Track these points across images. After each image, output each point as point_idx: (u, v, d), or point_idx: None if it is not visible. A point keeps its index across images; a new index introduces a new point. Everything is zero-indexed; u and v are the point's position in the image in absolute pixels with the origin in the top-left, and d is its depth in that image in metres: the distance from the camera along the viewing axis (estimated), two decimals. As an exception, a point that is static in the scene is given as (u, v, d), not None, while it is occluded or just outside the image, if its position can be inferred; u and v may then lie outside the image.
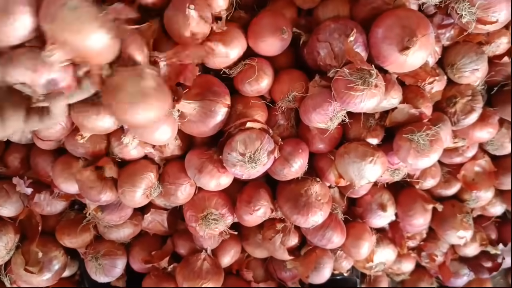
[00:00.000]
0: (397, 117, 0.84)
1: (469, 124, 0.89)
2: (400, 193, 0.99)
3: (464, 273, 1.12)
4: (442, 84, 0.88)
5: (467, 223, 1.01)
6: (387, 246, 1.02)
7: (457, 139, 0.91)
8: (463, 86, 0.88)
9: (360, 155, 0.81)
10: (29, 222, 0.93)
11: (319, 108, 0.78)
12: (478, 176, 1.02)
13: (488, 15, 0.78)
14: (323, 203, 0.87)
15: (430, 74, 0.82)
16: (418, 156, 0.80)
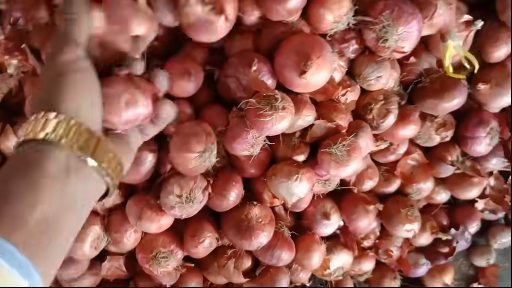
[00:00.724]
0: (316, 132, 0.87)
1: (389, 126, 0.93)
2: (342, 199, 1.02)
3: (423, 263, 1.16)
4: (356, 94, 0.92)
5: (412, 216, 1.05)
6: (342, 251, 1.06)
7: (379, 142, 0.94)
8: (375, 92, 0.92)
9: (286, 175, 0.85)
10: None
11: (239, 138, 0.82)
12: (414, 169, 1.05)
13: (402, 45, 0.84)
14: (265, 224, 0.91)
15: (338, 88, 0.86)
16: (338, 167, 0.84)
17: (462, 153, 1.07)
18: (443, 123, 1.02)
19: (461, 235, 1.16)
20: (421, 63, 0.97)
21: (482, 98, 1.03)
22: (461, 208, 1.18)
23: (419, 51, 0.94)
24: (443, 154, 1.06)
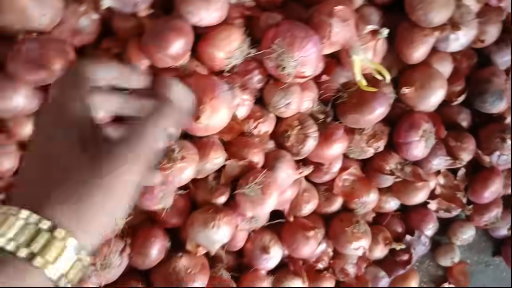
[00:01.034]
0: (230, 172, 0.84)
1: (311, 150, 0.89)
2: (282, 229, 0.98)
3: (382, 275, 1.12)
4: (270, 123, 0.88)
5: (359, 232, 1.01)
6: (293, 280, 1.02)
7: (301, 169, 0.90)
8: (289, 118, 0.88)
9: (202, 223, 0.82)
10: None
11: (146, 194, 0.79)
12: (354, 184, 1.02)
13: (302, 70, 0.81)
14: (195, 274, 0.87)
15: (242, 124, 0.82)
16: (255, 206, 0.81)
17: (401, 159, 1.02)
18: (373, 134, 0.98)
19: (418, 240, 1.11)
20: (336, 78, 0.93)
21: (409, 101, 0.99)
22: (415, 212, 1.14)
23: (331, 67, 0.91)
24: (381, 164, 1.02)
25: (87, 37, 0.77)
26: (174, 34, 0.72)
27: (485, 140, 1.08)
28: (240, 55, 0.81)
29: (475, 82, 1.05)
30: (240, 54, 0.81)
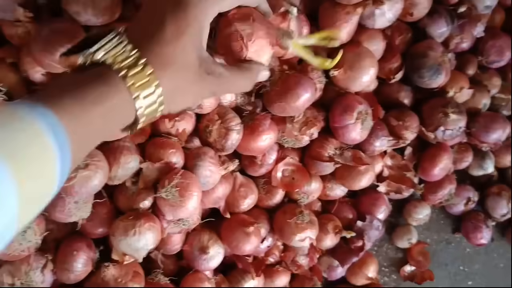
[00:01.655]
0: (148, 175, 0.80)
1: (236, 144, 0.86)
2: (221, 227, 0.95)
3: (337, 265, 1.09)
4: (188, 121, 0.84)
5: (303, 223, 0.98)
6: (246, 278, 1.00)
7: (225, 164, 0.87)
8: (210, 113, 0.85)
9: (122, 232, 0.79)
10: None
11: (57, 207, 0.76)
12: (294, 174, 0.98)
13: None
14: (127, 282, 0.84)
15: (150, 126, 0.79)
16: (175, 210, 0.78)
17: (340, 144, 0.98)
18: (305, 121, 0.95)
19: (370, 225, 1.08)
20: (257, 67, 0.89)
21: (341, 83, 0.96)
22: (365, 196, 1.10)
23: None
24: (319, 151, 0.99)
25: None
26: (62, 37, 0.69)
27: (428, 116, 1.05)
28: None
29: (411, 57, 1.02)
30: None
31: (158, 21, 0.43)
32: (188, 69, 0.45)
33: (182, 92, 0.45)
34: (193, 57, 0.45)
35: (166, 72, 0.42)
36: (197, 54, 0.45)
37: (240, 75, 0.52)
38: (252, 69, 0.54)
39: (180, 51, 0.43)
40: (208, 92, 0.49)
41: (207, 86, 0.48)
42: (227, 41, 0.54)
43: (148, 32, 0.43)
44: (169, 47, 0.43)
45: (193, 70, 0.45)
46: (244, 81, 0.53)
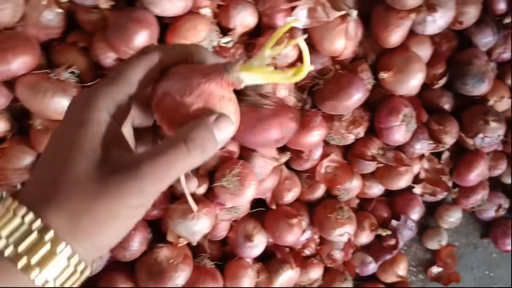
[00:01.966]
0: (208, 162, 0.84)
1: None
2: (265, 217, 0.99)
3: (370, 261, 1.12)
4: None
5: (343, 219, 1.01)
6: (284, 267, 1.03)
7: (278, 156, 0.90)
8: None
9: (181, 215, 0.82)
10: None
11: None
12: (336, 170, 1.02)
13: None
14: (178, 264, 0.87)
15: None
16: (234, 198, 0.81)
17: (383, 144, 1.02)
18: (353, 120, 0.98)
19: (404, 225, 1.11)
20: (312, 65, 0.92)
21: (388, 86, 0.98)
22: (400, 197, 1.14)
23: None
24: (362, 150, 1.02)
25: (53, 31, 0.77)
26: (137, 26, 0.72)
27: (468, 123, 1.08)
28: (209, 45, 0.80)
29: (455, 64, 1.05)
30: (209, 44, 0.80)
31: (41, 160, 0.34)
32: (81, 188, 0.31)
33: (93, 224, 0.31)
34: (82, 170, 0.32)
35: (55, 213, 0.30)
36: (87, 162, 0.32)
37: (176, 147, 0.33)
38: (197, 127, 0.33)
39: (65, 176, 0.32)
40: (136, 196, 0.31)
41: (126, 188, 0.31)
42: (158, 109, 0.36)
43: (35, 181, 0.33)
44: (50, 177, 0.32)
45: (90, 185, 0.31)
46: (186, 152, 0.33)
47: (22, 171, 0.81)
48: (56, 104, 0.74)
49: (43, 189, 0.32)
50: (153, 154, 0.32)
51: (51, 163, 0.33)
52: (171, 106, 0.34)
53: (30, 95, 0.73)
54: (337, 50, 0.89)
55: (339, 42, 0.89)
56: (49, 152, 0.34)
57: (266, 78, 0.36)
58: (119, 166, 0.32)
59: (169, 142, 0.33)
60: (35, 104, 0.73)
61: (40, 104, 0.73)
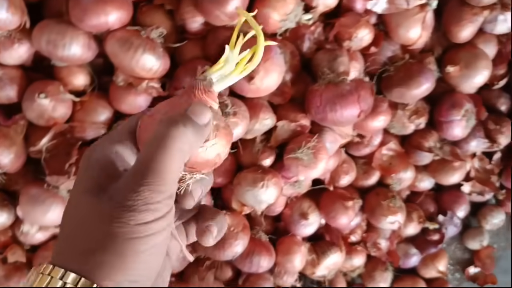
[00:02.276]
0: (280, 135, 0.86)
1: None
2: (320, 198, 1.00)
3: (413, 253, 1.13)
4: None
5: (395, 207, 1.02)
6: (331, 250, 1.04)
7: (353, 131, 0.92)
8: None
9: (251, 182, 0.84)
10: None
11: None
12: (392, 159, 1.03)
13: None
14: (238, 232, 0.89)
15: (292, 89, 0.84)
16: (307, 170, 0.82)
17: (440, 138, 1.03)
18: (416, 110, 0.99)
19: (450, 220, 1.12)
20: (383, 51, 0.94)
21: (453, 80, 0.99)
22: (448, 193, 1.15)
23: (379, 40, 0.91)
24: (420, 142, 1.03)
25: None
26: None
27: (523, 126, 1.09)
28: (294, 19, 0.82)
29: (518, 66, 1.06)
30: (294, 18, 0.82)
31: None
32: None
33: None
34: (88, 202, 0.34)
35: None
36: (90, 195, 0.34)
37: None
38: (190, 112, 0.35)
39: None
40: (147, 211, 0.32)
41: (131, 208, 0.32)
42: (141, 129, 0.37)
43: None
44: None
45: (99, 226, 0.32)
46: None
47: (98, 125, 0.82)
48: (145, 61, 0.75)
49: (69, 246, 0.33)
50: (137, 165, 0.34)
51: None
52: (152, 122, 0.36)
53: (121, 50, 0.75)
54: (411, 39, 0.91)
55: (415, 30, 0.90)
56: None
57: (237, 74, 0.39)
58: (115, 192, 0.33)
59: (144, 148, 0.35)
60: (125, 60, 0.75)
61: (130, 60, 0.75)
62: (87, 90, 0.84)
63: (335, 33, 0.87)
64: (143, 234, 0.31)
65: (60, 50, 0.74)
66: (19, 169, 0.80)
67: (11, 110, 0.81)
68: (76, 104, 0.82)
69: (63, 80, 0.81)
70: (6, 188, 0.84)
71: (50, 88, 0.78)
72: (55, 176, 0.78)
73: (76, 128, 0.80)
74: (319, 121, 0.85)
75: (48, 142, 0.79)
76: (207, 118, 0.35)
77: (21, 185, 0.83)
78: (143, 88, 0.78)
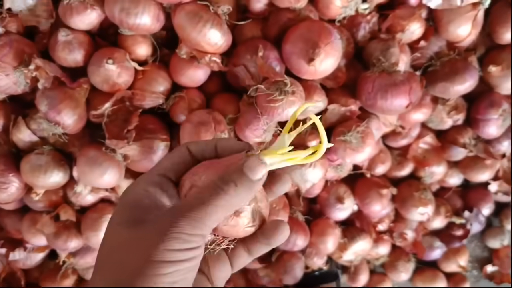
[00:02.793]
0: (330, 118, 0.88)
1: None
2: (356, 184, 1.03)
3: (437, 246, 1.17)
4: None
5: (426, 199, 1.05)
6: (360, 237, 1.07)
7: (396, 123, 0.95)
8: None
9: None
10: (13, 279, 0.99)
11: (250, 124, 0.83)
12: (427, 153, 1.06)
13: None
14: (279, 210, 0.92)
15: (346, 74, 0.86)
16: (354, 154, 0.85)
17: (474, 135, 1.06)
18: (455, 106, 1.02)
19: (475, 217, 1.16)
20: (431, 46, 0.97)
21: (493, 80, 1.02)
22: (474, 191, 1.18)
23: (428, 35, 0.94)
24: (456, 137, 1.06)
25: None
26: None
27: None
28: (353, 7, 0.85)
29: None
30: (354, 5, 0.85)
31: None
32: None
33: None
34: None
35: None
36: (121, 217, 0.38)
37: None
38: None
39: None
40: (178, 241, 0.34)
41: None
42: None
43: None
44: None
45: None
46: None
47: (157, 95, 0.85)
48: (211, 36, 0.78)
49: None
50: (188, 201, 0.37)
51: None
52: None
53: (190, 23, 0.77)
54: (460, 36, 0.93)
55: (465, 28, 0.93)
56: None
57: (288, 161, 0.40)
58: (152, 221, 0.36)
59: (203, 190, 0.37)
60: (193, 32, 0.78)
61: (198, 33, 0.77)
62: (149, 60, 0.86)
63: (388, 24, 0.90)
64: (168, 259, 0.33)
65: (132, 19, 0.77)
66: (78, 131, 0.83)
67: (75, 74, 0.83)
68: (138, 73, 0.84)
69: (127, 49, 0.83)
70: (63, 149, 0.87)
71: (117, 55, 0.80)
72: (115, 140, 0.80)
73: (136, 96, 0.83)
74: (368, 107, 0.88)
75: (110, 107, 0.81)
76: (261, 174, 0.37)
77: (78, 148, 0.86)
78: (206, 61, 0.80)
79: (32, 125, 0.84)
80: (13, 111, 0.86)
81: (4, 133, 0.86)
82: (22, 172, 0.83)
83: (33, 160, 0.83)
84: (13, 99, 0.86)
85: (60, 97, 0.78)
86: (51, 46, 0.81)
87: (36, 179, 0.82)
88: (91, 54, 0.82)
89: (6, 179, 0.84)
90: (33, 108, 0.85)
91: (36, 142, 0.85)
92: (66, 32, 0.79)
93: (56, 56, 0.81)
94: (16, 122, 0.84)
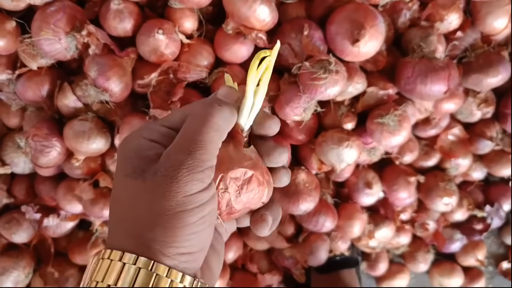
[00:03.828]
0: (368, 100, 0.90)
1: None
2: (384, 171, 1.05)
3: (458, 238, 1.18)
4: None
5: (451, 189, 1.07)
6: (384, 224, 1.08)
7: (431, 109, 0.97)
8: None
9: (337, 141, 0.88)
10: (42, 246, 1.00)
11: (291, 102, 0.84)
12: (454, 144, 1.07)
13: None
14: (311, 189, 0.94)
15: (386, 58, 0.88)
16: (390, 136, 0.87)
17: (501, 130, 1.08)
18: (485, 99, 1.04)
19: (496, 212, 1.17)
20: (466, 38, 0.99)
21: (523, 74, 1.04)
22: (496, 186, 1.20)
23: (465, 26, 0.96)
24: (483, 130, 1.08)
25: None
26: None
27: None
28: (397, -6, 0.87)
29: None
30: (398, -9, 0.86)
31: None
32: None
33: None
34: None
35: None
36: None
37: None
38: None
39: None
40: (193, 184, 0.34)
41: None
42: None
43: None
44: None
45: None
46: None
47: (201, 68, 0.87)
48: (260, 12, 0.80)
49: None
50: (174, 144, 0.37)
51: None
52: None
53: (240, -2, 0.79)
54: (497, 29, 0.95)
55: (502, 21, 0.95)
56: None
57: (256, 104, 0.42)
58: (158, 167, 0.35)
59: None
60: (242, 8, 0.79)
61: (248, 9, 0.79)
62: (194, 35, 0.88)
63: (428, 12, 0.92)
64: (191, 206, 0.33)
65: (184, -10, 0.78)
66: (123, 99, 0.84)
67: (122, 44, 0.85)
68: (183, 46, 0.86)
69: (175, 21, 0.85)
70: (106, 117, 0.88)
71: (166, 26, 0.82)
72: (159, 110, 0.82)
73: (182, 68, 0.84)
74: (406, 92, 0.90)
75: (157, 77, 0.83)
76: (235, 96, 0.41)
77: (120, 117, 0.87)
78: (252, 37, 0.82)
79: (77, 92, 0.85)
80: (58, 77, 0.87)
81: (48, 99, 0.87)
82: (65, 137, 0.85)
83: (77, 126, 0.85)
84: (58, 66, 0.87)
85: (110, 64, 0.80)
86: (102, 14, 0.83)
87: (80, 145, 0.83)
88: (140, 24, 0.84)
89: (49, 143, 0.85)
90: (78, 75, 0.87)
91: (80, 108, 0.87)
92: (119, 1, 0.80)
93: (107, 24, 0.82)
94: (62, 87, 0.85)
